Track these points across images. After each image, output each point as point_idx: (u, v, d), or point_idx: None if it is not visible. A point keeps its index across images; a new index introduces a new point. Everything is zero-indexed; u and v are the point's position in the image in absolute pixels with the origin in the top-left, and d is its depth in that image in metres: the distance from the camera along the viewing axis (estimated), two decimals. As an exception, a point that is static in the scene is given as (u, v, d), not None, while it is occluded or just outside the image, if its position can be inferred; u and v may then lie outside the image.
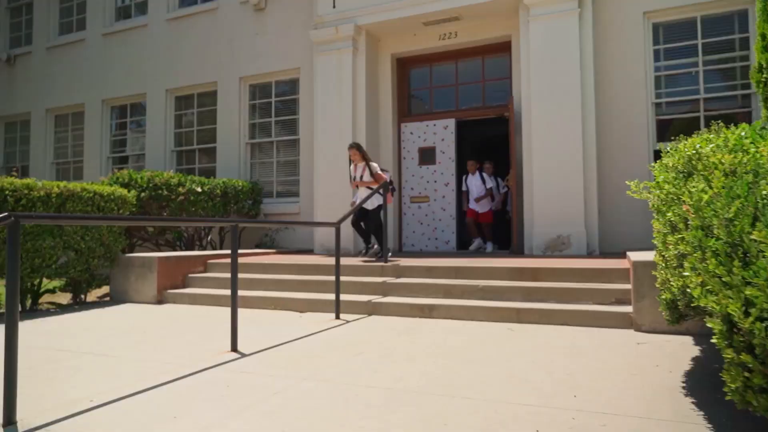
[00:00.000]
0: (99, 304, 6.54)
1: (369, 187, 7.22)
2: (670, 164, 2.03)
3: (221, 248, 9.34)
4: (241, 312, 5.67)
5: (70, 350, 3.94)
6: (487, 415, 2.47)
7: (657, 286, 3.08)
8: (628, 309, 4.60)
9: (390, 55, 9.29)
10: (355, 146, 7.35)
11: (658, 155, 7.62)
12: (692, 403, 2.58)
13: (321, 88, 8.96)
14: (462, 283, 5.50)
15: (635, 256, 4.90)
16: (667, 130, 7.70)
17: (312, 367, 3.32)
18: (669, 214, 1.89)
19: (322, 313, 5.45)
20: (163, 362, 3.54)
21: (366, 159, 7.32)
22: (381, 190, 6.96)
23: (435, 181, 9.12)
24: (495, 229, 9.11)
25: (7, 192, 5.38)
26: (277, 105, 10.35)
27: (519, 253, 7.85)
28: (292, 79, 10.15)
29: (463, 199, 9.07)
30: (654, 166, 2.47)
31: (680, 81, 7.69)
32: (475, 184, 8.88)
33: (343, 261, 6.84)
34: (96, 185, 6.54)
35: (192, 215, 7.92)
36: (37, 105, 12.83)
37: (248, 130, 10.54)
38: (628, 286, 4.90)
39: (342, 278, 6.10)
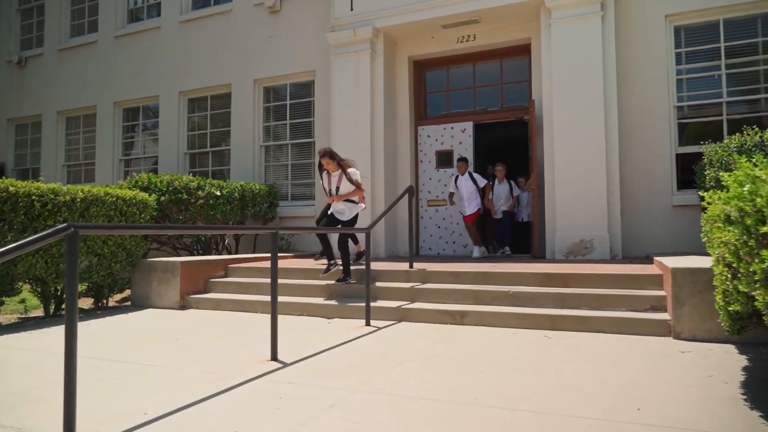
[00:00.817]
0: (121, 309, 6.49)
1: (349, 200, 6.33)
2: (764, 176, 1.97)
3: (237, 252, 9.29)
4: (266, 317, 5.61)
5: (107, 359, 3.89)
6: (555, 429, 2.42)
7: (717, 296, 3.03)
8: (665, 316, 4.55)
9: (407, 57, 9.25)
10: (328, 154, 6.25)
11: (680, 159, 7.60)
12: (760, 416, 2.53)
13: (338, 91, 8.92)
14: (491, 288, 5.45)
15: (670, 262, 4.85)
16: (689, 134, 7.66)
17: (359, 378, 3.27)
18: (765, 228, 1.82)
19: (351, 320, 5.40)
20: (204, 371, 3.49)
21: (342, 166, 6.28)
22: (355, 199, 6.33)
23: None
24: (511, 233, 9.04)
25: (34, 197, 5.33)
26: (291, 107, 10.30)
27: (540, 257, 7.80)
28: (307, 81, 10.11)
29: (448, 200, 8.74)
30: (730, 175, 2.42)
31: (702, 84, 7.64)
32: (465, 186, 8.34)
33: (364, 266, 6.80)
34: (118, 189, 6.50)
35: (211, 219, 7.87)
36: (48, 107, 12.78)
37: (262, 133, 10.49)
38: (662, 293, 4.87)
39: (364, 284, 6.06)
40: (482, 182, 8.38)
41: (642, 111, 7.65)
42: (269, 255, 8.18)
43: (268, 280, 6.47)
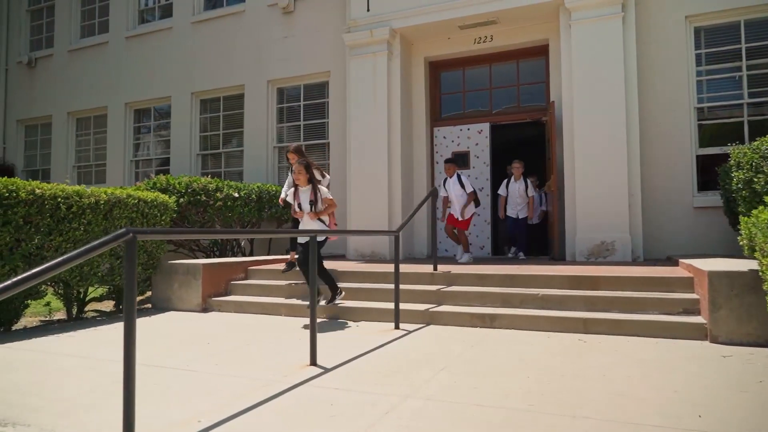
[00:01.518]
0: (142, 311, 6.44)
1: (321, 219, 5.46)
2: None
3: (252, 254, 9.24)
4: (293, 320, 5.62)
5: (145, 364, 3.85)
6: (621, 437, 2.39)
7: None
8: (699, 319, 4.52)
9: (423, 58, 9.22)
10: (304, 164, 5.29)
11: (700, 160, 7.56)
12: (826, 423, 2.50)
13: (355, 92, 8.88)
14: (519, 291, 5.41)
15: (702, 265, 4.82)
16: (709, 135, 7.63)
17: (406, 384, 3.23)
18: None
19: (378, 323, 5.36)
20: (246, 377, 3.45)
21: (314, 180, 5.38)
22: (325, 219, 5.52)
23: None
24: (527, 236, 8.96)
25: (59, 199, 5.29)
26: (305, 108, 10.26)
27: (560, 259, 7.77)
28: (322, 82, 10.07)
29: (442, 206, 8.05)
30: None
31: (723, 85, 7.62)
32: (453, 189, 7.71)
33: (384, 267, 6.77)
34: (140, 191, 6.46)
35: (229, 220, 7.84)
36: (58, 108, 12.74)
37: (276, 134, 10.46)
38: (694, 296, 4.84)
39: (390, 286, 6.02)
40: (469, 188, 7.65)
41: (662, 112, 7.63)
42: (286, 257, 8.19)
43: (291, 282, 6.54)
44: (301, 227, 5.35)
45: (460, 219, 7.70)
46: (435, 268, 6.28)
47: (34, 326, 5.61)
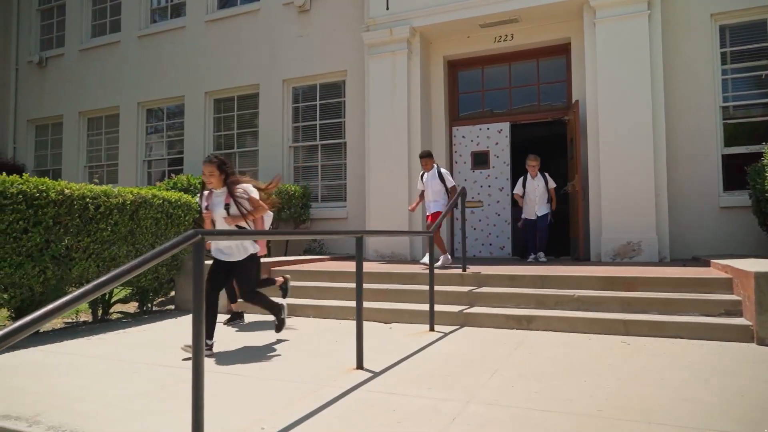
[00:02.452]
0: (166, 313, 6.37)
1: (240, 226, 4.38)
2: None
3: (270, 255, 9.16)
4: (322, 322, 5.54)
5: (186, 367, 3.77)
6: (704, 444, 2.32)
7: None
8: (743, 321, 4.44)
9: (442, 57, 9.14)
10: (216, 162, 4.31)
11: (725, 160, 7.49)
12: None
13: (374, 91, 8.80)
14: (553, 292, 5.34)
15: (747, 266, 4.74)
16: (734, 135, 7.56)
17: (462, 388, 3.16)
18: None
19: (411, 324, 5.28)
20: (293, 381, 3.37)
21: (230, 180, 4.38)
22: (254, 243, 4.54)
23: (489, 186, 8.97)
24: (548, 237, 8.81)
25: (88, 199, 5.22)
26: (321, 108, 10.19)
27: (585, 259, 7.69)
28: (338, 81, 10.00)
29: (418, 199, 7.40)
30: None
31: (748, 84, 7.55)
32: (431, 183, 7.02)
33: (411, 268, 6.69)
34: (164, 192, 6.38)
35: (249, 221, 7.75)
36: (69, 108, 12.66)
37: (291, 133, 10.38)
38: (734, 297, 4.77)
39: (418, 287, 5.96)
40: (451, 182, 7.04)
41: (687, 111, 7.55)
42: (312, 258, 8.14)
43: (316, 284, 6.47)
44: (214, 246, 4.36)
45: (429, 212, 7.06)
46: (464, 269, 6.20)
47: (60, 328, 5.53)
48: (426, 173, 7.15)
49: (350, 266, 7.29)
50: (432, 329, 5.01)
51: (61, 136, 12.87)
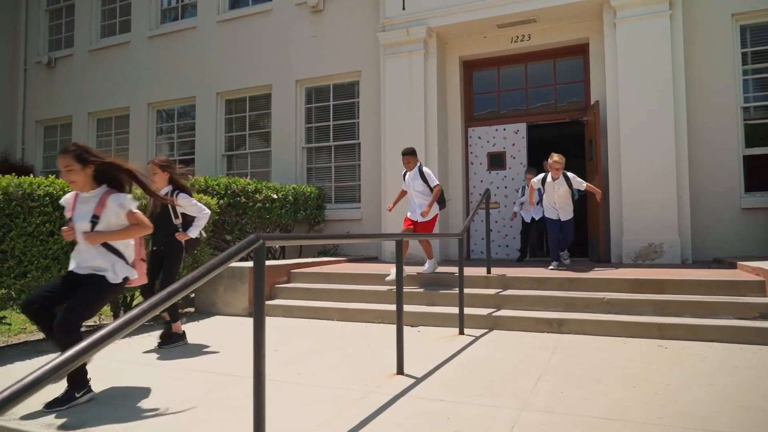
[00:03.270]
0: (188, 316, 6.30)
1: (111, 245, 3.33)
2: None
3: (284, 257, 9.11)
4: (348, 326, 5.48)
5: (223, 373, 3.72)
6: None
7: None
8: (780, 324, 4.40)
9: (458, 57, 9.09)
10: (74, 152, 3.11)
11: (746, 161, 7.44)
12: None
13: (390, 92, 8.74)
14: (582, 295, 5.29)
15: (780, 268, 4.70)
16: (755, 136, 7.51)
17: (509, 394, 3.10)
18: None
19: (439, 328, 5.23)
20: (337, 387, 3.31)
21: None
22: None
23: (505, 187, 8.91)
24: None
25: (112, 201, 5.14)
26: (335, 108, 10.13)
27: (605, 261, 7.63)
28: (352, 82, 9.94)
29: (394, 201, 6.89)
30: None
31: (770, 84, 7.50)
32: (413, 184, 6.40)
33: (439, 270, 6.63)
34: (186, 193, 6.31)
35: (267, 222, 7.71)
36: (78, 108, 12.59)
37: (305, 134, 10.32)
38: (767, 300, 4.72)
39: (443, 290, 5.90)
40: (432, 181, 6.41)
41: (708, 112, 7.50)
42: (328, 260, 8.07)
43: (336, 286, 6.41)
44: (74, 254, 3.26)
45: (420, 220, 6.31)
46: (488, 271, 6.15)
47: (82, 332, 5.45)
48: (408, 173, 6.53)
49: (369, 268, 7.24)
50: (462, 332, 4.95)
51: (70, 137, 12.78)
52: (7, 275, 4.29)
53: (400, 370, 3.59)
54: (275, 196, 7.67)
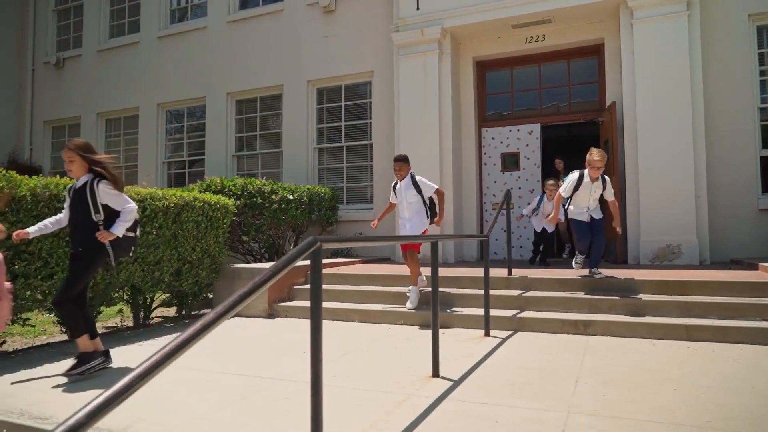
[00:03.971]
0: (203, 317, 6.27)
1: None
2: None
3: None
4: (371, 327, 5.46)
5: (256, 375, 3.69)
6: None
7: None
8: (810, 326, 4.38)
9: (471, 58, 9.07)
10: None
11: (764, 162, 7.43)
12: None
13: (404, 92, 8.72)
14: (607, 296, 5.26)
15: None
16: (772, 136, 7.50)
17: (551, 397, 3.08)
18: None
19: (463, 329, 5.20)
20: (374, 390, 3.29)
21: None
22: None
23: (519, 188, 8.89)
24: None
25: (135, 203, 5.12)
26: (347, 109, 10.10)
27: (622, 262, 7.62)
28: (364, 82, 9.91)
29: (381, 214, 6.22)
30: None
31: (786, 85, 7.49)
32: (405, 195, 5.74)
33: (453, 272, 6.61)
34: (205, 194, 6.30)
35: (282, 223, 7.68)
36: (87, 109, 12.56)
37: (316, 135, 10.30)
38: (795, 301, 4.71)
39: (464, 290, 5.88)
40: (429, 189, 5.73)
41: (725, 112, 7.49)
42: (344, 261, 8.04)
43: (355, 287, 6.39)
44: None
45: (413, 233, 5.71)
46: (509, 272, 6.13)
47: (104, 333, 5.43)
48: (399, 182, 5.83)
49: (385, 269, 7.22)
50: (487, 334, 4.93)
51: (78, 137, 12.73)
52: (34, 277, 4.27)
53: (435, 373, 3.57)
54: (291, 197, 7.64)
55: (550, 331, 4.98)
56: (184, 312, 6.41)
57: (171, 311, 6.56)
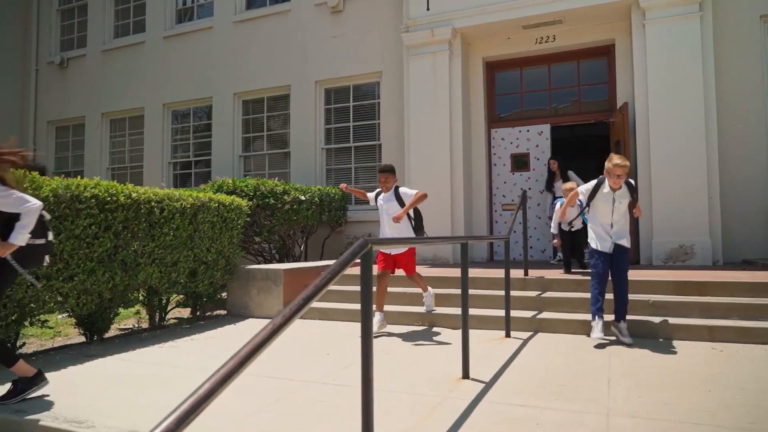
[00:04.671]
0: (221, 319, 6.25)
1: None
2: None
3: (307, 259, 9.05)
4: (389, 328, 5.43)
5: (284, 377, 3.67)
6: None
7: None
8: (832, 327, 4.39)
9: (481, 58, 9.06)
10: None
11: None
12: None
13: (414, 93, 8.70)
14: (627, 297, 5.25)
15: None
16: (783, 137, 7.51)
17: (586, 399, 3.07)
18: None
19: (483, 330, 5.19)
20: (408, 393, 3.28)
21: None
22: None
23: (529, 188, 8.88)
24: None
25: (153, 203, 5.10)
26: (355, 109, 10.08)
27: (634, 263, 7.61)
28: (372, 82, 9.89)
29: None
30: None
31: (798, 86, 7.50)
32: (387, 208, 5.21)
33: (472, 273, 6.59)
34: (220, 195, 6.27)
35: (294, 224, 7.66)
36: (91, 109, 12.49)
37: (323, 135, 10.27)
38: (816, 302, 4.72)
39: (481, 291, 5.87)
40: (411, 195, 5.11)
41: (736, 113, 7.50)
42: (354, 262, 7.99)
43: (372, 289, 6.35)
44: None
45: (395, 252, 5.20)
46: (526, 273, 6.12)
47: (121, 335, 5.40)
48: (382, 194, 5.31)
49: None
50: (508, 336, 4.93)
51: (82, 138, 12.70)
52: (56, 278, 4.23)
53: (465, 375, 3.56)
54: (303, 198, 7.61)
55: (571, 332, 4.98)
56: (198, 313, 6.37)
57: (185, 312, 6.52)
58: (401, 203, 5.13)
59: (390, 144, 9.50)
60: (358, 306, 5.98)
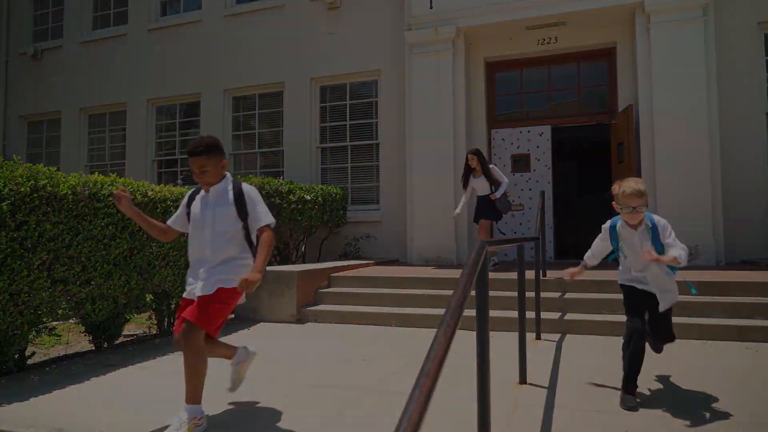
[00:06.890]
0: (231, 323, 5.97)
1: None
2: None
3: (305, 260, 8.81)
4: (411, 332, 5.31)
5: (335, 386, 3.49)
6: None
7: None
8: None
9: (482, 58, 9.01)
10: None
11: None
12: None
13: (417, 92, 8.59)
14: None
15: None
16: (779, 141, 7.73)
17: (658, 401, 3.01)
18: None
19: (509, 333, 5.06)
20: (473, 399, 3.14)
21: None
22: None
23: (530, 189, 8.89)
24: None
25: (169, 202, 4.82)
26: (351, 108, 9.90)
27: (638, 263, 7.69)
28: (370, 81, 9.73)
29: None
30: None
31: (793, 91, 7.73)
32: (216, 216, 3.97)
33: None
34: (231, 194, 5.99)
35: (298, 224, 7.43)
36: (68, 104, 11.89)
37: (319, 134, 10.04)
38: (835, 301, 4.82)
39: (499, 293, 5.78)
40: (265, 219, 3.11)
41: (735, 117, 7.66)
42: (359, 263, 7.83)
43: (383, 290, 6.21)
44: None
45: (200, 294, 2.91)
46: (544, 274, 6.07)
47: (131, 342, 5.09)
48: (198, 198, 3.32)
49: (403, 271, 7.09)
50: (539, 338, 4.86)
51: (58, 133, 12.07)
52: (73, 282, 3.92)
53: (523, 380, 3.45)
54: (308, 197, 7.40)
55: (600, 333, 4.95)
56: (205, 318, 6.06)
57: (191, 317, 6.20)
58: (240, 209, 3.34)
59: (389, 143, 9.35)
60: (375, 308, 5.85)
